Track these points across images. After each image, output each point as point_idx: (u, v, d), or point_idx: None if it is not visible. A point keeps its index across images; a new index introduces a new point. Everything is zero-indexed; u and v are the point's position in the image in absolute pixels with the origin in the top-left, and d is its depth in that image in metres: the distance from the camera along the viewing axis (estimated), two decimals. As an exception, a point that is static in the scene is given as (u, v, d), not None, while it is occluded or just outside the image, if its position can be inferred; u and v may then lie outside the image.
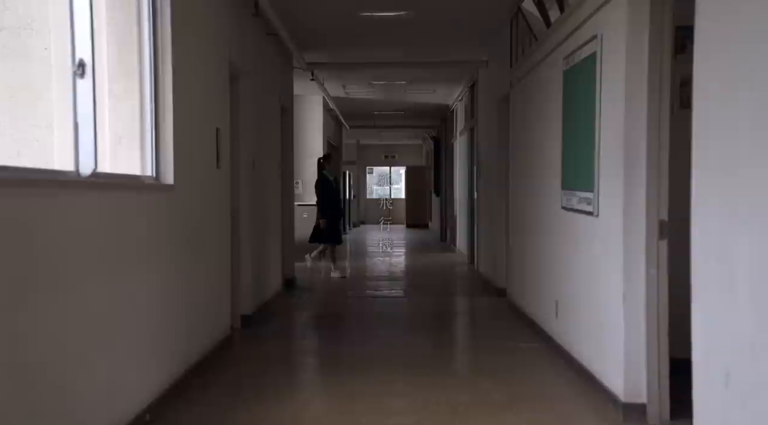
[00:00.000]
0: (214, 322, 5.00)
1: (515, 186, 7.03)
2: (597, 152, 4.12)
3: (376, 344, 5.70)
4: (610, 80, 3.95)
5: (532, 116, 6.14)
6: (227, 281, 5.42)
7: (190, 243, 4.34)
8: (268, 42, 7.29)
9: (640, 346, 3.64)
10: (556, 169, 5.12)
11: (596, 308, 4.18)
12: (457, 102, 13.12)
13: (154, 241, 3.74)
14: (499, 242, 8.11)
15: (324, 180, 9.73)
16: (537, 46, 5.77)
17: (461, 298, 8.55)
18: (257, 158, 6.70)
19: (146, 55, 3.85)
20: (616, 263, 3.80)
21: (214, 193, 5.03)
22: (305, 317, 7.07)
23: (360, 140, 22.87)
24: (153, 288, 3.69)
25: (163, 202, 3.91)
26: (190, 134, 4.37)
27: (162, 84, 3.93)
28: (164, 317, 3.88)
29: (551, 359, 5.02)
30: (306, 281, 9.29)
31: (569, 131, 4.79)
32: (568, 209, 4.80)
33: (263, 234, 7.14)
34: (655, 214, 3.61)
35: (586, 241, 4.40)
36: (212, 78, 4.96)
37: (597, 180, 4.12)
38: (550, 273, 5.38)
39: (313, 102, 12.61)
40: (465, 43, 8.60)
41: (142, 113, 3.87)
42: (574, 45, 4.62)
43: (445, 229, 16.15)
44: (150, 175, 3.91)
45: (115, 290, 3.21)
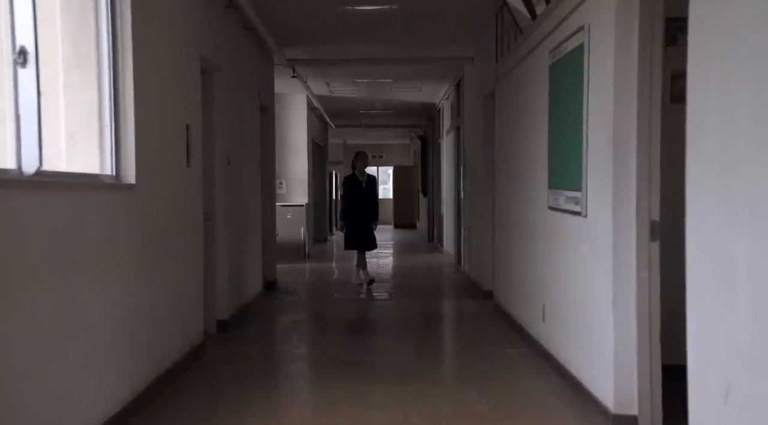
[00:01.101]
0: (184, 328, 4.75)
1: (501, 186, 6.82)
2: (585, 150, 3.91)
3: (358, 349, 5.47)
4: (598, 73, 3.75)
5: (517, 112, 5.94)
6: (199, 285, 5.17)
7: (155, 246, 4.09)
8: (245, 37, 7.04)
9: (631, 354, 3.43)
10: (542, 167, 4.91)
11: (584, 313, 3.97)
12: (443, 100, 12.91)
13: (112, 245, 3.49)
14: (485, 243, 7.91)
15: (349, 180, 8.93)
16: (522, 40, 5.57)
17: (447, 301, 8.34)
18: (234, 157, 6.46)
19: (104, 44, 3.60)
20: (605, 265, 3.59)
21: (184, 193, 4.78)
22: (285, 321, 6.83)
23: (347, 140, 22.61)
24: (110, 295, 3.44)
25: (123, 203, 3.66)
26: (155, 130, 4.12)
27: (122, 75, 3.68)
28: (124, 325, 3.63)
29: (538, 365, 4.81)
30: (289, 284, 9.04)
31: (556, 127, 4.59)
32: (555, 209, 4.59)
33: (242, 235, 6.89)
34: (646, 214, 3.41)
35: (573, 242, 4.19)
36: (181, 72, 4.71)
37: (585, 179, 3.91)
38: (537, 276, 5.18)
39: (296, 100, 12.35)
40: (450, 39, 8.39)
41: (101, 107, 3.62)
42: (561, 37, 4.41)
43: (433, 229, 15.94)
44: (109, 174, 3.66)
45: (66, 298, 2.97)
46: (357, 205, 8.73)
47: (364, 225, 8.77)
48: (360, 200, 8.75)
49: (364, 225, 8.78)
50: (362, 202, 8.75)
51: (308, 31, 7.90)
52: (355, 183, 8.87)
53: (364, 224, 8.78)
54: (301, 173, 12.64)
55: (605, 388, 3.62)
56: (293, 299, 8.13)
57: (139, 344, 3.84)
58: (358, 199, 8.75)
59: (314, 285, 9.64)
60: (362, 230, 8.76)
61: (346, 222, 8.86)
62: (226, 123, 6.17)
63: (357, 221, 8.77)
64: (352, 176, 8.91)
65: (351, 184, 8.89)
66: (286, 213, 11.73)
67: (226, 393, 4.24)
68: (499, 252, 6.94)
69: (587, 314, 3.91)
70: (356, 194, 8.77)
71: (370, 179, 8.96)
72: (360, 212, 8.75)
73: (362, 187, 8.81)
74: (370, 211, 8.82)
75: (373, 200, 8.89)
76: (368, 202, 8.80)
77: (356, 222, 8.78)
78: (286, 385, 4.55)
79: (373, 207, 8.86)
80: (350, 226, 8.80)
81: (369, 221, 8.84)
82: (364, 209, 8.74)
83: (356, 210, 8.75)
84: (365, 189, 8.84)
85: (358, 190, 8.81)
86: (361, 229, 8.76)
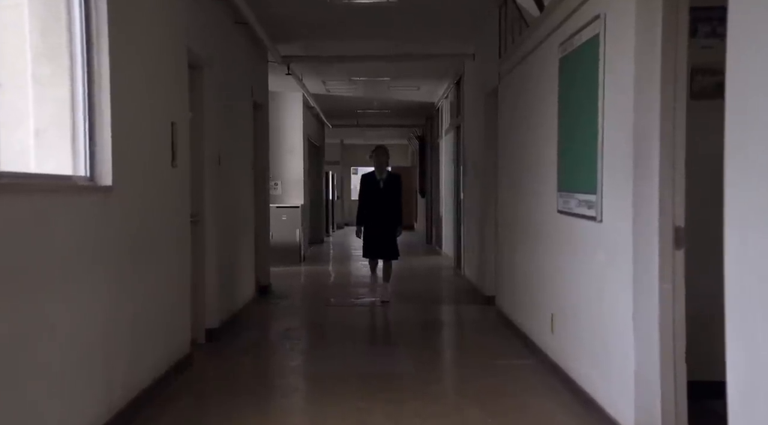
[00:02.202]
0: (168, 340, 4.44)
1: (504, 187, 6.53)
2: (600, 149, 3.61)
3: (354, 361, 5.17)
4: (615, 66, 3.45)
5: (523, 110, 5.64)
6: (186, 293, 4.86)
7: (135, 253, 3.78)
8: (238, 32, 6.74)
9: (654, 372, 3.14)
10: (550, 168, 4.62)
11: (600, 326, 3.67)
12: (442, 99, 12.63)
13: (85, 252, 3.18)
14: (487, 246, 7.62)
15: (364, 179, 7.89)
16: (529, 33, 5.27)
17: (447, 306, 8.03)
18: (225, 156, 6.15)
19: (77, 34, 3.29)
20: (623, 275, 3.30)
21: (169, 194, 4.47)
22: (278, 329, 6.52)
23: (344, 140, 22.32)
24: (82, 308, 3.13)
25: (98, 206, 3.35)
26: (135, 127, 3.82)
27: (97, 68, 3.37)
28: (98, 339, 3.32)
29: (546, 379, 4.51)
30: (284, 288, 8.73)
31: (566, 125, 4.29)
32: (565, 213, 4.29)
33: (233, 238, 6.59)
34: (669, 219, 3.11)
35: (587, 249, 3.90)
36: (165, 66, 4.41)
37: (600, 181, 3.61)
38: (545, 283, 4.88)
39: (292, 99, 12.06)
40: (450, 34, 8.09)
41: (74, 102, 3.31)
42: (572, 28, 4.12)
43: (431, 231, 15.66)
44: (83, 175, 3.35)
45: (25, 314, 2.66)
46: (373, 207, 7.70)
47: (381, 230, 7.70)
48: (377, 201, 7.69)
49: (382, 230, 7.70)
50: (380, 204, 7.68)
51: (303, 26, 7.60)
52: (370, 182, 7.81)
53: (382, 229, 7.70)
54: (296, 174, 12.35)
55: (624, 407, 3.32)
56: (287, 304, 7.83)
57: (116, 359, 3.53)
58: (375, 200, 7.70)
59: (309, 289, 9.34)
60: (379, 235, 7.70)
61: (363, 227, 7.82)
62: (216, 121, 5.87)
63: (374, 225, 7.73)
64: (369, 175, 7.91)
65: (366, 183, 7.87)
66: (281, 215, 11.43)
67: (212, 411, 3.94)
68: (502, 257, 6.64)
69: (603, 328, 3.62)
70: (372, 195, 7.74)
71: (390, 179, 7.80)
72: (377, 215, 7.69)
73: (379, 187, 7.71)
74: (390, 214, 7.71)
75: (394, 202, 7.75)
76: (388, 204, 7.70)
77: (373, 227, 7.73)
78: (277, 404, 4.24)
79: (394, 210, 7.73)
80: (366, 231, 7.79)
81: (389, 226, 7.71)
82: (382, 212, 7.67)
83: (372, 213, 7.70)
84: (383, 190, 7.72)
85: (375, 190, 7.74)
86: (377, 234, 7.71)
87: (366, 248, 7.83)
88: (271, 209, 9.59)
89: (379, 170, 7.79)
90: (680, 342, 3.10)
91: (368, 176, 7.87)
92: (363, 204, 7.82)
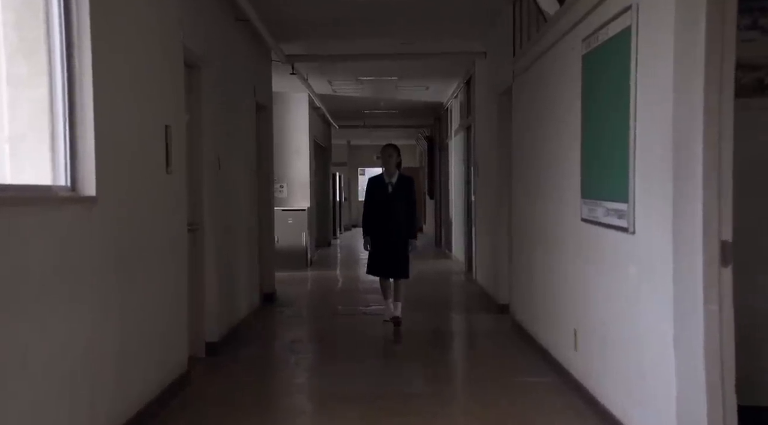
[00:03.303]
0: (163, 359, 4.13)
1: (519, 191, 6.20)
2: (632, 153, 3.28)
3: (363, 379, 4.84)
4: (651, 61, 3.12)
5: (540, 110, 5.31)
6: (183, 307, 4.56)
7: (124, 268, 3.48)
8: (239, 30, 6.43)
9: (699, 401, 2.81)
10: (572, 173, 4.29)
11: (633, 348, 3.34)
12: (451, 99, 12.30)
13: (64, 270, 2.88)
14: (500, 252, 7.29)
15: (371, 183, 6.76)
16: (547, 29, 4.94)
17: (459, 315, 7.71)
18: (226, 160, 5.84)
19: (55, 28, 2.99)
20: (662, 294, 2.96)
21: (163, 203, 4.16)
22: (283, 342, 6.21)
23: (351, 141, 22.03)
24: (58, 331, 2.82)
25: (80, 218, 3.05)
26: (123, 131, 3.51)
27: (78, 66, 3.06)
28: (77, 366, 3.01)
29: (570, 400, 4.19)
30: (289, 295, 8.42)
31: (591, 127, 3.96)
32: (590, 222, 3.96)
33: (235, 246, 6.28)
34: (715, 233, 2.78)
35: (616, 263, 3.57)
36: (158, 64, 4.10)
37: (632, 188, 3.28)
38: (567, 296, 4.55)
39: (297, 100, 11.75)
40: (460, 32, 7.77)
41: (53, 104, 3.01)
42: (598, 21, 3.79)
43: (440, 233, 15.34)
44: (63, 185, 3.05)
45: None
46: (381, 216, 6.52)
47: (391, 243, 6.49)
48: (386, 209, 6.51)
49: (392, 244, 6.48)
50: (389, 212, 6.51)
51: (308, 24, 7.29)
52: (378, 186, 6.62)
53: (391, 243, 6.49)
54: (302, 176, 12.04)
55: (661, 441, 2.99)
56: (293, 313, 7.52)
57: (101, 385, 3.22)
58: (384, 207, 6.52)
59: (316, 296, 9.03)
60: (387, 250, 6.49)
61: (369, 238, 6.61)
62: (216, 123, 5.56)
63: (382, 237, 6.50)
64: (376, 178, 6.74)
65: (372, 188, 6.67)
66: (287, 218, 11.13)
67: (209, 438, 3.65)
68: (517, 264, 6.31)
69: (638, 350, 3.29)
70: (379, 200, 6.56)
71: (402, 182, 6.60)
72: (386, 225, 6.50)
73: (388, 192, 6.56)
74: (401, 225, 6.51)
75: (406, 209, 6.55)
76: (399, 212, 6.50)
77: (380, 239, 6.51)
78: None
79: (406, 220, 6.52)
80: (373, 243, 6.59)
81: (399, 239, 6.50)
82: (391, 221, 6.49)
83: (381, 223, 6.52)
84: (392, 195, 6.55)
85: (383, 196, 6.56)
86: (384, 247, 6.49)
87: (371, 264, 6.64)
88: (277, 212, 9.31)
89: (388, 171, 6.64)
90: (729, 369, 2.78)
91: (375, 179, 6.75)
92: (369, 212, 6.63)
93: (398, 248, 6.50)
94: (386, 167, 6.65)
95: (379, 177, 6.74)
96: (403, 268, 6.59)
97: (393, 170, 6.63)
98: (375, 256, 6.59)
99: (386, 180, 6.63)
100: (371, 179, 6.87)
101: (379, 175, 6.78)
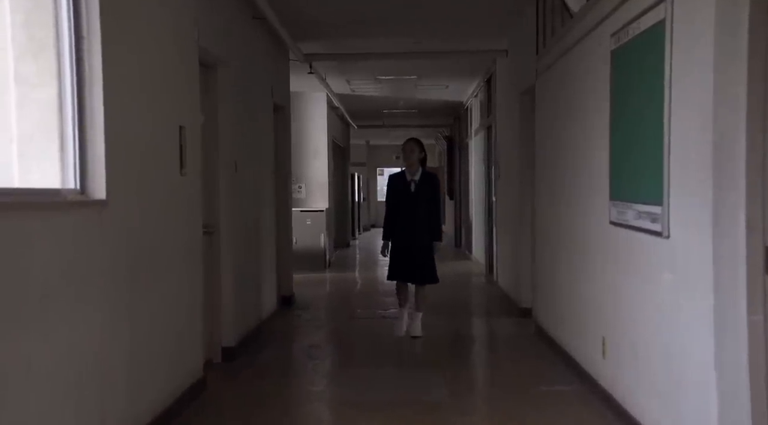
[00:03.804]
0: (176, 367, 4.03)
1: (543, 192, 6.03)
2: (666, 153, 3.11)
3: (383, 386, 4.70)
4: (688, 55, 2.94)
5: (565, 109, 5.14)
6: (198, 313, 4.45)
7: (134, 273, 3.37)
8: (256, 28, 6.33)
9: (742, 419, 2.63)
10: (600, 174, 4.12)
11: (669, 360, 3.17)
12: (471, 98, 12.13)
13: (73, 276, 2.77)
14: (522, 254, 7.12)
15: (392, 181, 6.20)
16: (573, 24, 4.77)
17: (480, 319, 7.54)
18: (243, 162, 5.74)
19: (65, 27, 2.89)
20: (700, 304, 2.79)
21: (176, 205, 4.06)
22: (301, 346, 6.09)
23: (369, 141, 21.92)
24: (65, 340, 2.72)
25: (90, 223, 2.95)
26: (134, 132, 3.40)
27: (88, 65, 2.96)
28: (85, 374, 2.90)
29: (599, 411, 4.01)
30: (307, 298, 8.31)
31: (621, 125, 3.79)
32: (620, 225, 3.79)
33: (253, 248, 6.18)
34: (759, 238, 2.61)
35: (648, 269, 3.39)
36: (172, 63, 4.00)
37: (667, 190, 3.11)
38: (594, 302, 4.37)
39: (315, 99, 11.64)
40: (481, 30, 7.60)
41: (62, 105, 2.91)
42: (628, 15, 3.61)
43: (460, 234, 15.16)
44: (73, 188, 2.95)
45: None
46: (403, 216, 5.99)
47: (413, 246, 5.96)
48: (408, 209, 5.98)
49: (415, 246, 5.95)
50: (412, 212, 5.97)
51: (326, 22, 7.17)
52: (399, 184, 6.07)
53: (414, 244, 5.96)
54: (321, 176, 11.94)
55: (699, 458, 2.82)
56: (311, 316, 7.40)
57: (111, 393, 3.12)
58: (406, 207, 5.98)
59: (335, 299, 8.91)
60: (410, 252, 5.95)
61: (389, 241, 6.07)
62: (233, 124, 5.45)
63: (403, 239, 5.98)
64: (397, 175, 6.19)
65: (393, 186, 6.12)
66: (305, 219, 11.03)
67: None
68: (541, 267, 6.14)
69: (673, 362, 3.11)
70: (401, 200, 6.01)
71: (425, 179, 6.03)
72: (408, 226, 5.96)
73: (410, 190, 6.01)
74: (425, 225, 5.99)
75: (430, 209, 6.04)
76: (422, 212, 5.98)
77: (402, 241, 5.98)
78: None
79: (431, 220, 6.03)
80: (394, 246, 6.04)
81: (423, 240, 5.98)
82: (414, 222, 5.96)
83: (402, 224, 5.99)
84: (415, 194, 6.00)
85: (405, 195, 6.00)
86: (407, 250, 5.96)
87: (393, 268, 6.04)
88: (295, 213, 9.21)
89: (410, 168, 6.05)
90: (773, 385, 2.60)
91: (396, 177, 6.17)
92: (390, 213, 6.09)
93: (422, 250, 5.99)
94: (408, 164, 6.07)
95: (400, 175, 6.16)
96: (430, 271, 6.03)
97: (416, 166, 6.04)
98: (398, 260, 6.03)
99: (408, 178, 6.05)
100: (392, 176, 6.29)
101: (400, 172, 6.21)
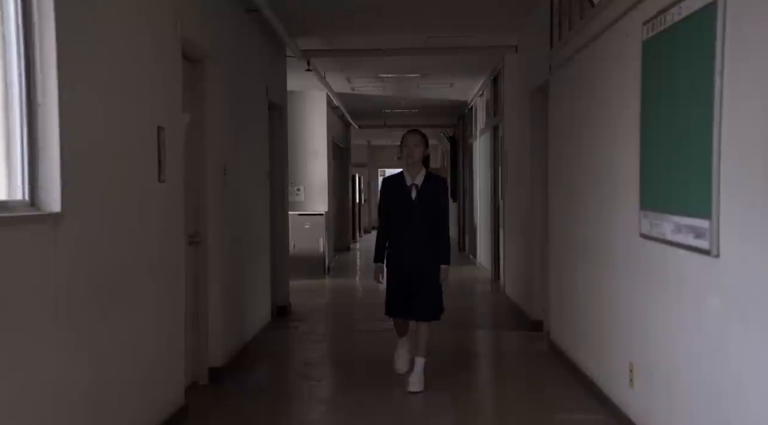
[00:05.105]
0: (152, 394, 3.59)
1: (558, 197, 5.59)
2: (716, 158, 2.67)
3: (384, 411, 4.28)
4: (746, 46, 2.51)
5: (585, 107, 4.70)
6: (179, 334, 4.02)
7: (100, 295, 2.93)
8: (250, 22, 5.90)
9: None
10: (628, 179, 3.68)
11: (714, 396, 2.73)
12: (476, 97, 11.70)
13: (18, 305, 2.34)
14: (533, 263, 6.67)
15: (386, 185, 4.77)
16: (594, 14, 4.33)
17: (488, 332, 7.09)
18: (233, 165, 5.30)
19: (10, 10, 2.45)
20: (758, 334, 2.35)
21: (154, 216, 3.62)
22: (296, 365, 5.65)
23: (371, 141, 21.50)
24: (13, 380, 2.28)
25: (42, 240, 2.51)
26: (99, 134, 2.97)
27: (40, 58, 2.52)
28: (41, 416, 2.47)
29: (627, 447, 3.58)
30: (304, 307, 7.87)
31: (656, 125, 3.34)
32: (653, 239, 3.34)
33: (245, 258, 5.74)
34: (838, 262, 2.17)
35: (691, 291, 2.95)
36: (148, 57, 3.56)
37: (717, 201, 2.67)
38: (619, 323, 3.93)
39: (314, 98, 11.21)
40: (489, 24, 7.15)
41: (7, 103, 2.48)
42: (665, 2, 3.17)
43: (464, 238, 14.74)
44: (21, 199, 2.51)
45: None
46: (400, 231, 4.59)
47: (414, 270, 4.54)
48: (407, 221, 4.57)
49: (416, 270, 4.53)
50: (412, 225, 4.56)
51: (324, 16, 6.74)
52: (395, 190, 4.63)
53: (414, 269, 4.54)
54: (320, 178, 11.50)
55: None
56: (308, 329, 6.96)
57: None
58: (403, 219, 4.58)
59: (334, 308, 8.48)
60: (409, 279, 4.54)
61: (383, 265, 4.71)
62: (222, 124, 5.02)
63: (401, 261, 4.57)
64: (393, 179, 4.73)
65: (388, 192, 4.71)
66: (304, 223, 10.61)
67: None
68: (556, 279, 5.70)
69: (720, 399, 2.67)
70: (399, 210, 4.60)
71: (430, 184, 4.61)
72: (408, 243, 4.56)
73: (410, 198, 4.56)
74: (430, 244, 4.56)
75: (437, 222, 4.60)
76: (426, 226, 4.56)
77: (400, 263, 4.58)
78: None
79: (436, 237, 4.58)
80: (390, 270, 4.67)
81: (426, 264, 4.54)
82: (415, 238, 4.55)
83: (400, 241, 4.60)
84: (416, 202, 4.56)
85: (403, 203, 4.58)
86: (406, 277, 4.54)
87: (390, 302, 4.64)
88: (293, 216, 8.80)
89: (411, 168, 4.61)
90: None
91: (393, 181, 4.70)
92: (385, 227, 4.72)
93: (425, 277, 4.54)
94: (409, 162, 4.59)
95: (397, 178, 4.67)
96: (431, 304, 4.56)
97: (418, 166, 4.62)
98: (396, 290, 4.62)
99: (408, 182, 4.59)
100: (386, 179, 4.83)
101: (396, 175, 4.72)
